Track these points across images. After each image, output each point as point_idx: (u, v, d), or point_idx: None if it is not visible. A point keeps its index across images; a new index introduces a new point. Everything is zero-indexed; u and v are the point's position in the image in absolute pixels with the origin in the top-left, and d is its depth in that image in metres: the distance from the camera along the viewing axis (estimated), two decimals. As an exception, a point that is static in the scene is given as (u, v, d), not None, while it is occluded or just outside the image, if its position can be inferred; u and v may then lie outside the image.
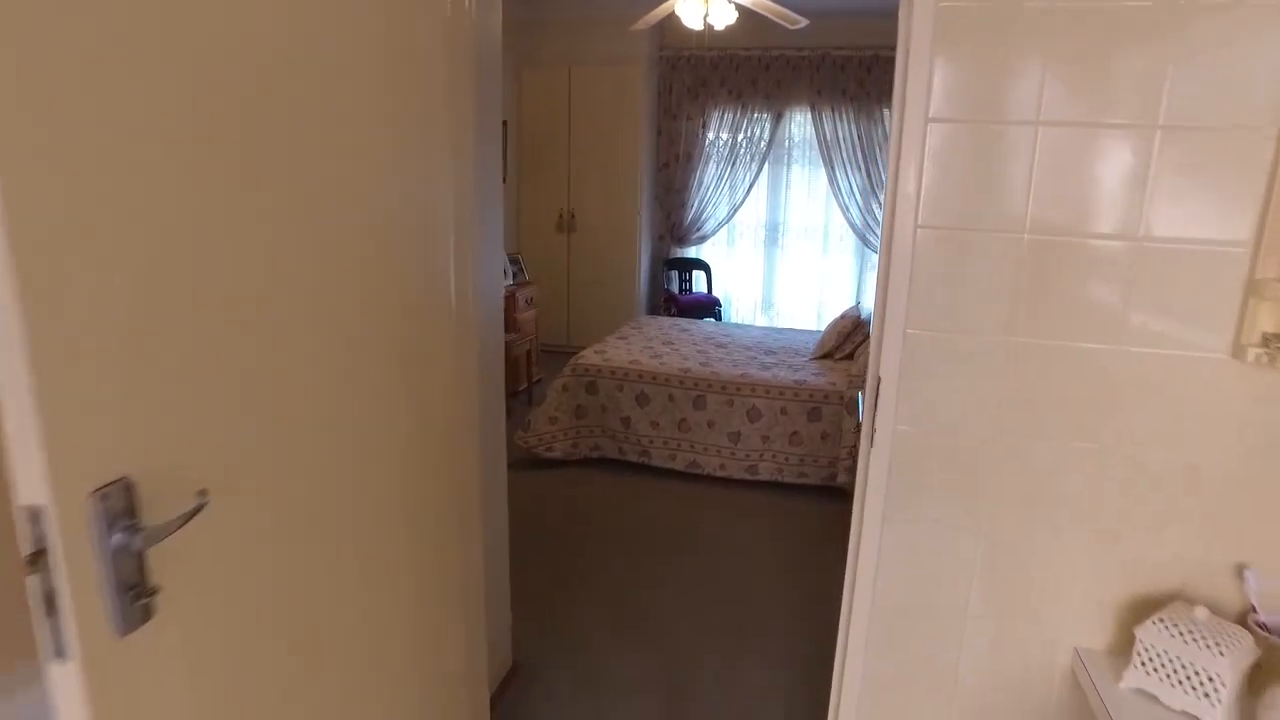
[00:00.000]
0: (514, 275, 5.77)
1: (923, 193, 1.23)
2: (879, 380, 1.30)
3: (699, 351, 4.54)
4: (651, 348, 4.59)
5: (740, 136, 6.52)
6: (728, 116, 6.53)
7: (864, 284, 6.69)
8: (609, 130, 6.42)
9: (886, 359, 1.29)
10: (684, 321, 5.49)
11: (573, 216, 6.69)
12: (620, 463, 4.32)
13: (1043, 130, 1.17)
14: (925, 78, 1.17)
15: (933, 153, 1.21)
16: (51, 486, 0.72)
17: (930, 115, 1.20)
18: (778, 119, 6.41)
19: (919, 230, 1.24)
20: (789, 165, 6.61)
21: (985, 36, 1.15)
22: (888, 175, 1.28)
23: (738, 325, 5.78)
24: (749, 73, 6.38)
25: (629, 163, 6.43)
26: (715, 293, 6.83)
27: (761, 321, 6.92)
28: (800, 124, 6.51)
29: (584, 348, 6.59)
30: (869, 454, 1.35)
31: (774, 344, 4.81)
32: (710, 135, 6.60)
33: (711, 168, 6.65)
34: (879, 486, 1.35)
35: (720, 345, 4.73)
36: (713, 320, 6.50)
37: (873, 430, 1.33)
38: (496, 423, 2.52)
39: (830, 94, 6.24)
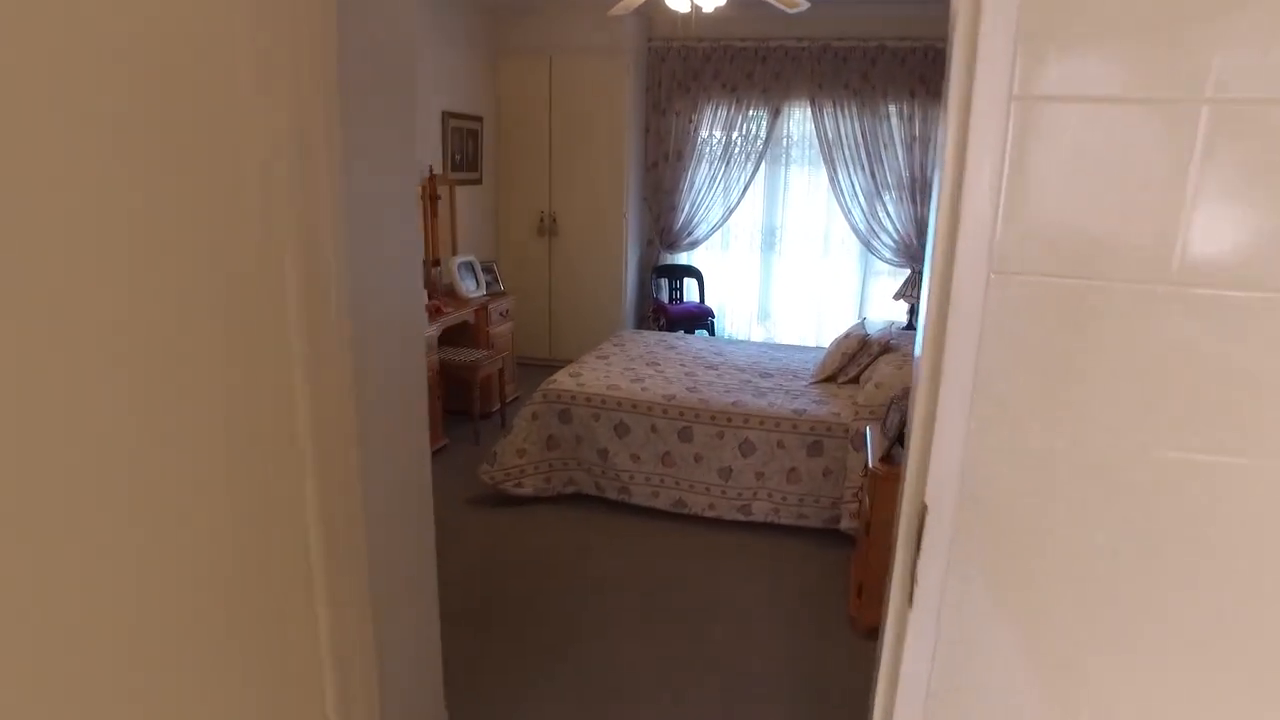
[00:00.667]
0: (487, 285, 5.28)
1: (1000, 219, 0.75)
2: (924, 510, 0.82)
3: (686, 374, 4.06)
4: (633, 369, 4.11)
5: (735, 134, 6.04)
6: (721, 112, 6.04)
7: (867, 294, 6.22)
8: (593, 126, 5.94)
9: (938, 478, 0.81)
10: (671, 337, 5.00)
11: (554, 220, 6.21)
12: (598, 500, 3.84)
13: (1212, 111, 0.69)
14: (1011, 19, 0.69)
15: (1019, 154, 0.74)
16: None
17: (1016, 90, 0.72)
18: (775, 115, 5.93)
19: (993, 277, 0.76)
20: (787, 165, 6.13)
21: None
22: (938, 188, 0.81)
23: (731, 341, 5.28)
24: (744, 65, 5.90)
25: (615, 161, 5.95)
26: (708, 302, 6.35)
27: (758, 333, 6.44)
28: (799, 120, 6.03)
29: (569, 362, 6.11)
30: (904, 614, 0.87)
31: (770, 364, 4.33)
32: (702, 132, 6.11)
33: (704, 167, 6.17)
34: (920, 665, 0.87)
35: (711, 366, 4.24)
36: (704, 335, 6.03)
37: (912, 584, 0.85)
38: (417, 461, 2.04)
39: (832, 88, 5.76)
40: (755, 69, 5.87)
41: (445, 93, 5.44)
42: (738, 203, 6.14)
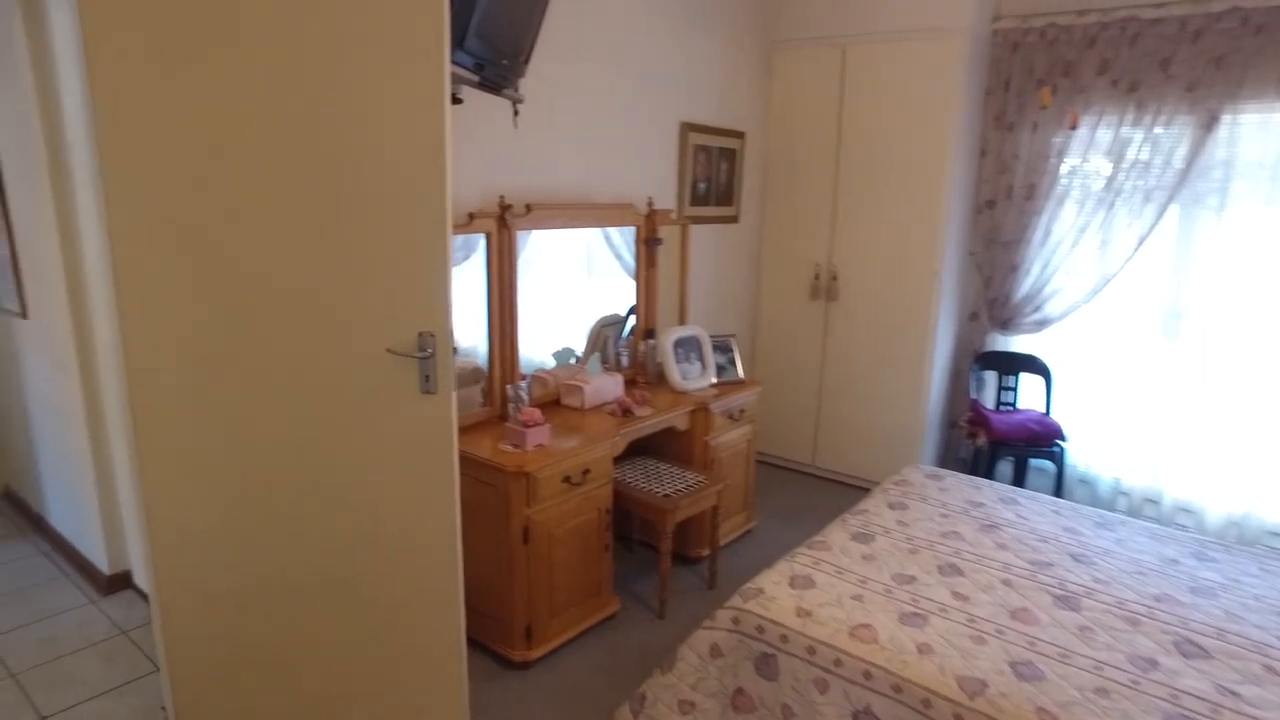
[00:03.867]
0: (719, 370, 3.71)
1: None
2: None
3: (1015, 613, 2.12)
4: (911, 581, 2.27)
5: (1130, 158, 3.84)
6: (1108, 124, 3.89)
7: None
8: (901, 145, 4.13)
9: None
10: (993, 498, 2.96)
11: (834, 277, 4.47)
12: (815, 823, 2.08)
13: None
14: None
15: None
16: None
17: None
18: (1208, 126, 3.64)
19: None
20: (1222, 208, 3.77)
21: None
22: None
23: (1103, 514, 2.93)
24: (1155, 48, 3.70)
25: (929, 197, 4.08)
26: (1055, 414, 4.17)
27: (1136, 475, 4.08)
28: (1254, 134, 3.65)
29: (839, 480, 4.37)
30: None
31: (1202, 612, 2.19)
32: (1072, 156, 4.00)
33: (1070, 209, 4.04)
34: None
35: (1064, 595, 2.23)
36: (1052, 499, 3.91)
37: None
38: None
39: (1327, 80, 3.37)
40: (1176, 53, 3.64)
41: (690, 98, 3.99)
42: (1125, 265, 3.92)
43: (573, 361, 3.51)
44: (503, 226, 2.88)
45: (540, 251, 3.19)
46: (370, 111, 1.82)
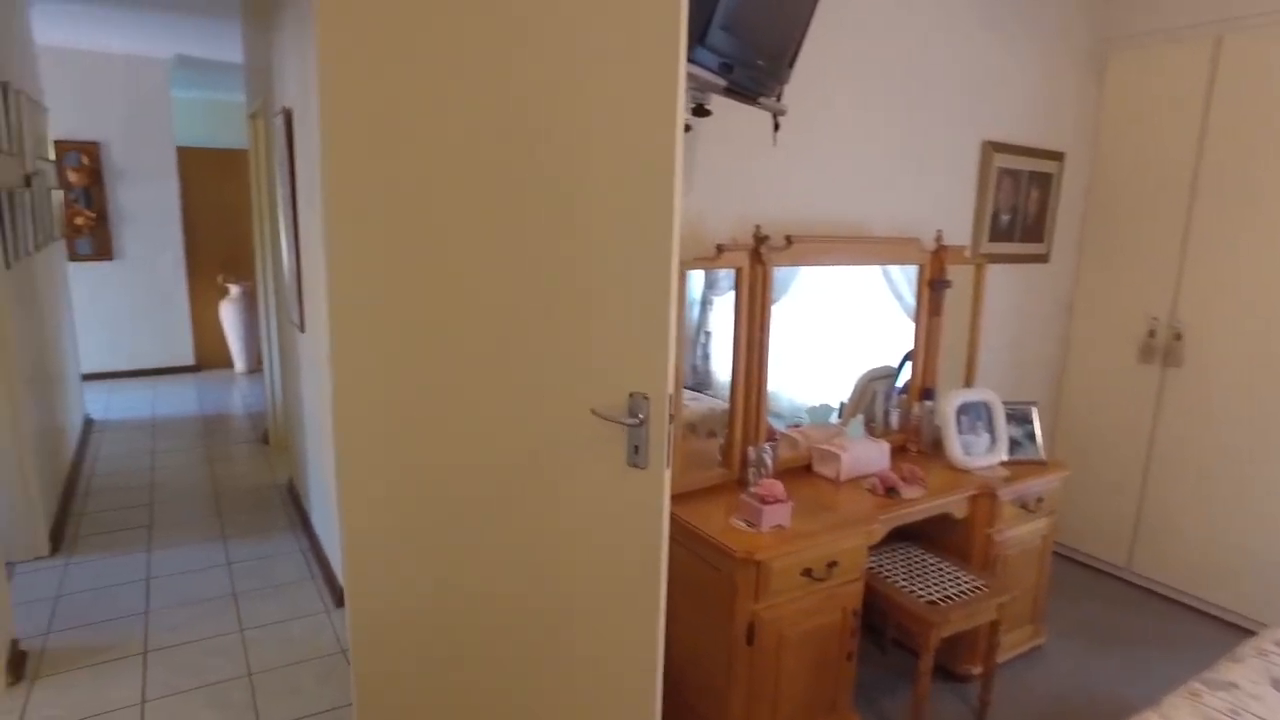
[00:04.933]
0: (1012, 446, 2.99)
1: None
2: None
3: None
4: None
5: None
6: None
7: None
8: (1291, 172, 3.12)
9: None
10: None
11: (1177, 336, 3.51)
12: None
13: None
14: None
15: None
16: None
17: None
18: None
19: None
20: None
21: None
22: None
23: None
24: None
25: (1332, 240, 3.03)
26: None
27: None
28: None
29: (1170, 594, 3.49)
30: None
31: None
32: None
33: None
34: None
35: None
36: None
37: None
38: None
39: None
40: None
41: (995, 112, 3.32)
42: None
43: (832, 421, 3.01)
44: (756, 261, 2.46)
45: (802, 286, 2.73)
46: (582, 123, 1.50)
